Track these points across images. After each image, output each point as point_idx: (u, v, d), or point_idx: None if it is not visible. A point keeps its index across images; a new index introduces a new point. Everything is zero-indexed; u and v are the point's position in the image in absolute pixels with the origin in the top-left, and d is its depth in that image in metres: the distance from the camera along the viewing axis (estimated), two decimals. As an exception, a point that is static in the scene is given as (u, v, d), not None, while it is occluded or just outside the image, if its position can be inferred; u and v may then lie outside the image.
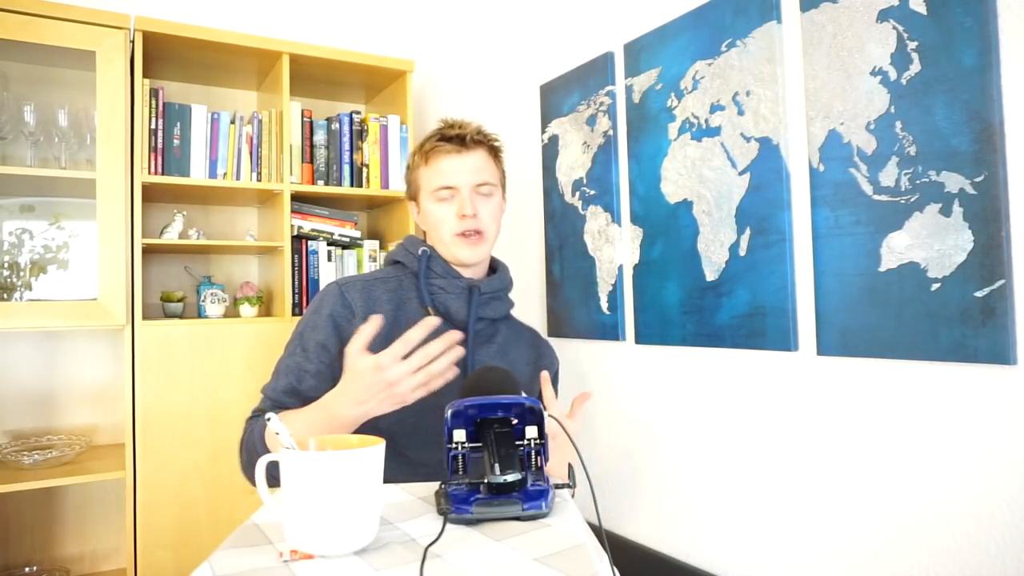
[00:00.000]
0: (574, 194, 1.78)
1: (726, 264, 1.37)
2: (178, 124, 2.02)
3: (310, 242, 2.20)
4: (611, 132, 1.66)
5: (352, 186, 2.26)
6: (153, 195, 2.08)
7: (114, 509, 2.07)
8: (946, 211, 1.02)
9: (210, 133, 2.07)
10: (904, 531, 1.09)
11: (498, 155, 1.32)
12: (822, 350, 1.20)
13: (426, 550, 0.68)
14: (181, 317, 2.11)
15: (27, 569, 1.94)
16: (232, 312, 2.19)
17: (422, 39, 2.60)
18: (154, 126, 1.98)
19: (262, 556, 0.69)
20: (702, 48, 1.42)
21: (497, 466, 0.80)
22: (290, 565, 0.67)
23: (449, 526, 0.77)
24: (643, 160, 1.56)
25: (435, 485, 0.91)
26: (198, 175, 2.04)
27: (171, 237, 2.05)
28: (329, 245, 2.25)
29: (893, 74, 1.09)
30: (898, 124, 1.08)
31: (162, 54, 2.06)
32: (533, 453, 0.85)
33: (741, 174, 1.34)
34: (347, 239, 2.30)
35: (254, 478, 0.74)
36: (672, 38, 1.48)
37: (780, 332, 1.26)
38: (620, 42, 1.64)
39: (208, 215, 2.34)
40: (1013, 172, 0.96)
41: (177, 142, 2.02)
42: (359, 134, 2.30)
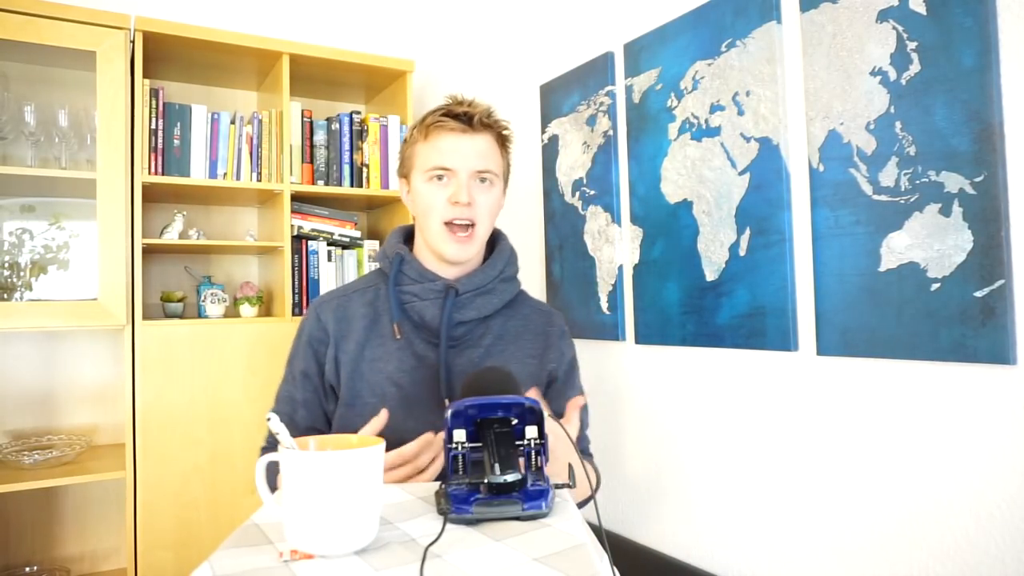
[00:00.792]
0: (574, 194, 1.78)
1: (726, 264, 1.37)
2: (178, 124, 2.02)
3: (310, 242, 2.20)
4: (611, 132, 1.66)
5: (352, 186, 2.26)
6: (153, 195, 2.08)
7: (114, 509, 2.07)
8: (946, 211, 1.02)
9: (210, 133, 2.07)
10: (904, 531, 1.09)
11: (506, 144, 1.22)
12: (822, 350, 1.20)
13: (426, 550, 0.68)
14: (181, 317, 2.11)
15: (27, 569, 1.94)
16: (232, 312, 2.19)
17: (422, 39, 2.60)
18: (154, 126, 1.98)
19: (262, 556, 0.69)
20: (702, 48, 1.42)
21: (497, 466, 0.80)
22: (290, 565, 0.67)
23: (449, 526, 0.76)
24: (643, 160, 1.56)
25: (435, 485, 0.91)
26: (198, 175, 2.04)
27: (171, 237, 2.05)
28: (329, 245, 2.25)
29: (893, 74, 1.09)
30: (898, 124, 1.08)
31: (162, 54, 2.06)
32: (533, 453, 0.85)
33: (741, 174, 1.34)
34: (347, 239, 2.30)
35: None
36: (672, 38, 1.48)
37: (780, 332, 1.26)
38: (620, 42, 1.64)
39: (208, 215, 2.34)
40: (1013, 172, 0.96)
41: (177, 142, 2.01)
42: (359, 134, 2.30)
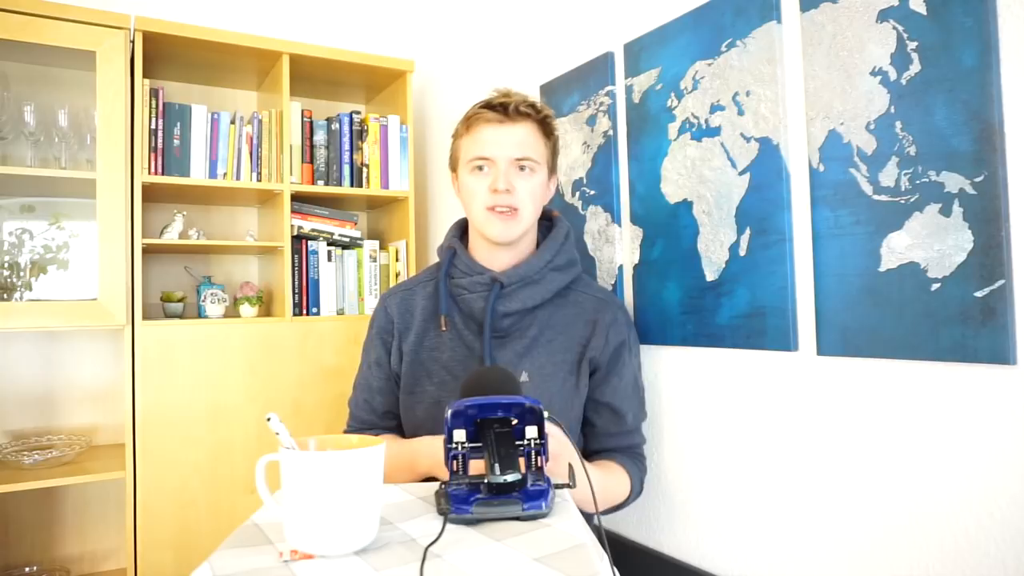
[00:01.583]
0: (574, 194, 1.78)
1: (726, 264, 1.37)
2: (178, 124, 2.02)
3: (310, 242, 2.20)
4: (611, 132, 1.66)
5: (352, 186, 2.26)
6: (153, 195, 2.08)
7: (114, 509, 2.07)
8: (946, 211, 1.02)
9: (210, 133, 2.07)
10: (904, 531, 1.09)
11: (549, 130, 1.25)
12: (822, 350, 1.20)
13: (426, 550, 0.68)
14: (181, 317, 2.11)
15: (27, 569, 1.94)
16: (232, 312, 2.19)
17: (422, 39, 2.60)
18: (154, 126, 1.98)
19: (262, 556, 0.69)
20: (702, 48, 1.41)
21: (497, 466, 0.80)
22: (290, 565, 0.67)
23: (449, 526, 0.77)
24: (643, 160, 1.56)
25: (435, 485, 0.91)
26: (198, 175, 2.04)
27: (171, 237, 2.05)
28: (329, 245, 2.25)
29: (893, 74, 1.09)
30: (898, 124, 1.08)
31: (162, 54, 2.06)
32: (533, 453, 0.85)
33: (741, 174, 1.34)
34: (347, 239, 2.30)
35: None
36: (672, 38, 1.48)
37: (780, 332, 1.26)
38: (620, 42, 1.64)
39: (208, 215, 2.34)
40: (1013, 172, 0.96)
41: (177, 142, 2.01)
42: (359, 134, 2.30)
